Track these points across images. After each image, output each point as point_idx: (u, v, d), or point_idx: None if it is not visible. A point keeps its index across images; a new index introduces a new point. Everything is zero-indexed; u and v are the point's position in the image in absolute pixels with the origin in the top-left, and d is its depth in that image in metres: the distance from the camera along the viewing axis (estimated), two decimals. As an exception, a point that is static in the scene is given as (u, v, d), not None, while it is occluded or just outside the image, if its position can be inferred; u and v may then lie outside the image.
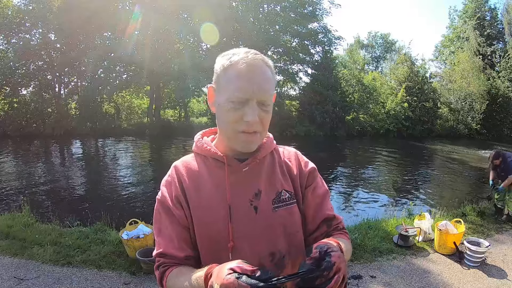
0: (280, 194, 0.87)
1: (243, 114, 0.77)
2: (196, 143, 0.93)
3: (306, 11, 22.38)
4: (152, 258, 3.26)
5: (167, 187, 0.90)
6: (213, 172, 0.87)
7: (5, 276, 2.87)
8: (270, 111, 0.81)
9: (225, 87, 0.79)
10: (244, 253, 0.82)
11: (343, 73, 23.72)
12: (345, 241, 0.86)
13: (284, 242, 0.85)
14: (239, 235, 0.82)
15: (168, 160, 12.07)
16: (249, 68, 0.77)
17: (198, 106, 27.91)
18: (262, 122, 0.80)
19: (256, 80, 0.77)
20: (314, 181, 0.93)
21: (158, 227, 0.89)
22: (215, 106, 0.84)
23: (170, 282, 0.81)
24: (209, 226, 0.83)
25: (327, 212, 0.91)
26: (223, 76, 0.80)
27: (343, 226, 0.94)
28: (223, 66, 0.80)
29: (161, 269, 0.85)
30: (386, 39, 36.96)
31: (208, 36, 17.81)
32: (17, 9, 16.83)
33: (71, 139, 15.63)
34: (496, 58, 26.30)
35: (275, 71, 0.87)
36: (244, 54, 0.79)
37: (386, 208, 6.50)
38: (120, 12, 17.80)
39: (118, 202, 6.44)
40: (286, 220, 0.86)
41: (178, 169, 0.90)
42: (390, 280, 3.06)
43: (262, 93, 0.77)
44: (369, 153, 15.81)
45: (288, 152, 0.97)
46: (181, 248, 0.85)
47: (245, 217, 0.83)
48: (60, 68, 17.72)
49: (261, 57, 0.80)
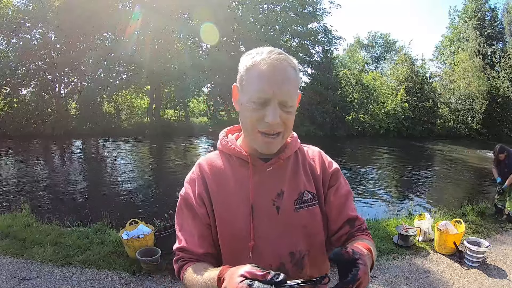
0: (302, 195, 0.87)
1: (264, 115, 0.77)
2: (221, 141, 0.93)
3: (306, 11, 22.40)
4: (152, 258, 3.25)
5: (191, 184, 0.90)
6: (237, 170, 0.88)
7: (5, 276, 2.87)
8: (293, 112, 0.81)
9: (247, 87, 0.80)
10: (265, 252, 0.83)
11: (343, 73, 23.73)
12: (372, 244, 0.86)
13: (304, 243, 0.86)
14: (260, 235, 0.83)
15: (168, 160, 12.08)
16: (270, 69, 0.77)
17: (198, 106, 27.91)
18: (284, 123, 0.79)
19: (277, 80, 0.76)
20: (337, 182, 0.93)
21: (180, 222, 0.90)
22: (239, 105, 0.85)
23: (187, 277, 0.83)
24: (231, 224, 0.84)
25: (350, 213, 0.91)
26: (245, 76, 0.80)
27: (366, 227, 0.93)
28: (246, 66, 0.81)
29: (179, 263, 0.87)
30: (386, 39, 36.99)
31: (208, 36, 17.83)
32: (17, 9, 16.82)
33: (71, 139, 15.63)
34: (496, 58, 26.30)
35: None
36: (266, 54, 0.79)
37: (386, 208, 6.50)
38: (120, 12, 17.81)
39: (118, 202, 6.44)
40: (307, 221, 0.86)
41: (202, 167, 0.91)
42: (390, 280, 3.06)
43: (283, 94, 0.77)
44: (369, 153, 15.81)
45: (312, 151, 0.97)
46: (201, 245, 0.86)
47: (267, 217, 0.84)
48: (60, 68, 17.70)
49: (284, 57, 0.79)
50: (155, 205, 6.17)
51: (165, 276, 2.98)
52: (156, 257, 3.01)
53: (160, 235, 3.36)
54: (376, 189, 8.32)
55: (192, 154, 13.81)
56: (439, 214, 4.74)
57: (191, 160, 12.42)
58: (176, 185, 7.89)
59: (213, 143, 16.61)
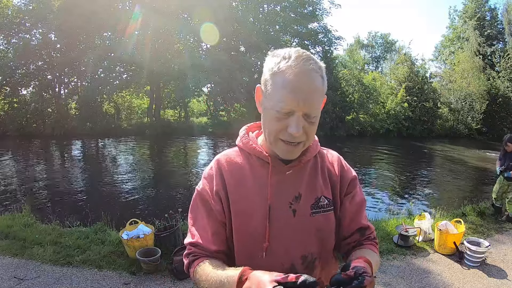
0: (319, 200, 0.87)
1: (287, 125, 0.76)
2: (242, 138, 0.92)
3: (306, 11, 22.39)
4: (152, 258, 3.25)
5: (208, 180, 0.89)
6: (256, 170, 0.87)
7: (5, 276, 2.87)
8: (317, 122, 0.79)
9: (272, 93, 0.76)
10: (278, 254, 0.84)
11: (343, 73, 23.72)
12: (375, 255, 0.88)
13: (317, 246, 0.87)
14: (275, 236, 0.83)
15: (168, 160, 12.07)
16: (297, 79, 0.73)
17: (198, 106, 27.91)
18: (306, 133, 0.78)
19: (303, 92, 0.73)
20: (354, 190, 0.93)
21: (194, 216, 0.90)
22: (262, 107, 0.83)
23: (198, 273, 0.83)
24: (247, 223, 0.84)
25: (362, 222, 0.93)
26: (270, 81, 0.77)
27: (374, 236, 0.95)
28: (271, 70, 0.77)
29: (190, 258, 0.87)
30: (386, 39, 36.98)
31: (208, 36, 17.84)
32: (17, 9, 16.83)
33: (71, 139, 15.62)
34: (496, 58, 26.30)
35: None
36: (294, 61, 0.74)
37: (386, 208, 6.49)
38: (120, 12, 17.80)
39: (118, 202, 6.44)
40: (322, 225, 0.87)
41: (221, 163, 0.90)
42: (390, 280, 3.06)
43: (308, 106, 0.74)
44: (369, 153, 15.81)
45: (331, 155, 0.96)
46: (214, 241, 0.86)
47: (283, 219, 0.84)
48: (60, 68, 17.71)
49: (312, 66, 0.75)
50: (155, 205, 6.17)
51: (165, 276, 2.98)
52: (156, 257, 3.01)
53: (160, 235, 3.36)
54: (376, 189, 8.32)
55: (192, 154, 13.81)
56: (439, 214, 4.73)
57: (191, 160, 12.42)
58: (176, 185, 7.91)
59: (213, 143, 16.62)
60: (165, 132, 18.39)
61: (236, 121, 17.81)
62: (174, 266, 2.93)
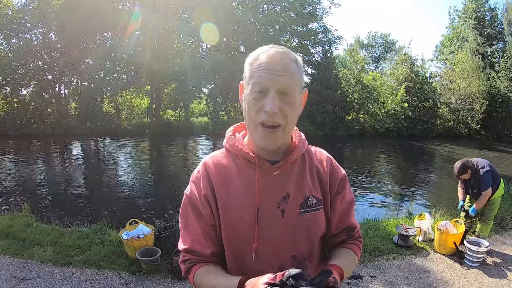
0: (307, 199, 0.87)
1: (263, 105, 0.77)
2: (228, 140, 0.92)
3: (306, 11, 22.38)
4: (152, 258, 3.24)
5: (196, 183, 0.89)
6: (243, 171, 0.87)
7: (5, 276, 2.87)
8: (294, 103, 0.80)
9: (249, 80, 0.80)
10: (267, 255, 0.84)
11: (343, 73, 23.69)
12: (354, 256, 0.93)
13: (306, 246, 0.87)
14: (264, 237, 0.83)
15: (168, 160, 12.07)
16: (269, 60, 0.78)
17: (198, 106, 27.89)
18: (285, 115, 0.78)
19: (276, 69, 0.77)
20: (344, 189, 0.93)
21: (184, 221, 0.90)
22: (243, 100, 0.84)
23: (197, 281, 0.84)
24: (236, 225, 0.84)
25: (351, 220, 0.95)
26: (248, 71, 0.82)
27: (359, 235, 0.99)
28: (248, 61, 0.83)
29: (187, 264, 0.87)
30: (386, 39, 36.97)
31: (208, 36, 17.84)
32: (17, 9, 16.82)
33: (71, 139, 15.61)
34: (496, 58, 26.28)
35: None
36: (267, 48, 0.81)
37: (386, 208, 6.49)
38: (120, 12, 17.79)
39: (118, 202, 6.43)
40: (311, 224, 0.87)
41: (208, 166, 0.89)
42: (390, 280, 3.06)
43: (281, 83, 0.77)
44: (369, 153, 15.81)
45: (320, 154, 0.97)
46: (207, 245, 0.86)
47: (271, 220, 0.84)
48: (60, 68, 17.68)
49: (284, 50, 0.80)
50: (155, 205, 6.16)
51: (165, 276, 2.98)
52: (156, 257, 3.01)
53: (160, 235, 3.36)
54: (376, 189, 8.32)
55: (192, 154, 13.81)
56: (439, 214, 4.73)
57: (191, 160, 12.41)
58: (176, 185, 7.90)
59: (213, 143, 16.61)
60: (165, 132, 18.37)
61: (236, 121, 17.66)
62: (174, 266, 2.93)
